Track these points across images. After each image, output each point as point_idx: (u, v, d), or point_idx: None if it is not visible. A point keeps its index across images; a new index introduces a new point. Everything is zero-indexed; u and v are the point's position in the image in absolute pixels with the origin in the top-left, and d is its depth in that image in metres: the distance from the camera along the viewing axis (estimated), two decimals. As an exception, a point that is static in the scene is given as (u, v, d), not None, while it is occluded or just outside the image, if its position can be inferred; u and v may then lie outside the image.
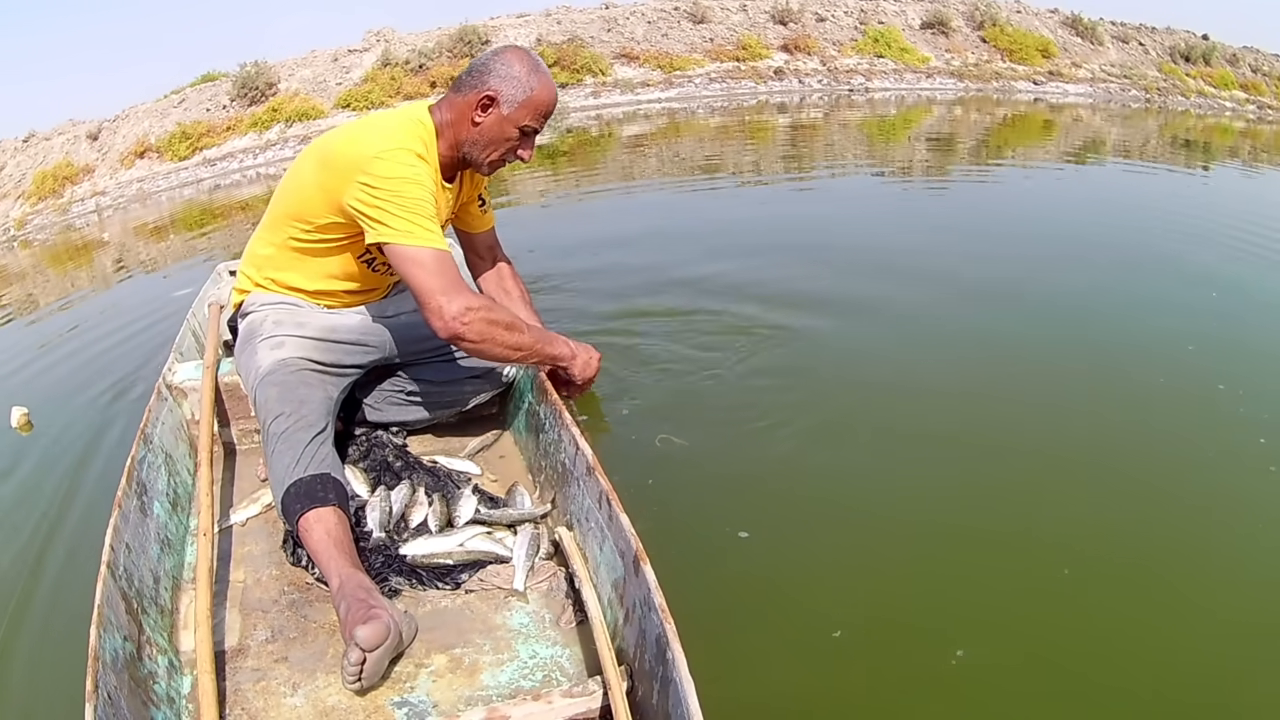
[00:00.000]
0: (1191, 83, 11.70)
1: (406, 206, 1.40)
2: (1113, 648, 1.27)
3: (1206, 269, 3.17)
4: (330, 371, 1.58)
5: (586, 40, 11.39)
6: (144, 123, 9.65)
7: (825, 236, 3.76)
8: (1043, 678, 1.24)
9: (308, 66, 10.73)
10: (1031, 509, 1.65)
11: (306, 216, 1.52)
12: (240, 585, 1.36)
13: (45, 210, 8.23)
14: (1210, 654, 1.27)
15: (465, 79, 1.51)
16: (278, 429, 1.42)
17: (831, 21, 12.49)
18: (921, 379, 2.21)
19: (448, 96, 1.53)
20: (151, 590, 1.26)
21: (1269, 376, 2.23)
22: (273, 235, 1.60)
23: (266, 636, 1.24)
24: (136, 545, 1.29)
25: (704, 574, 1.44)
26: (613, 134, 8.36)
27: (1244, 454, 1.83)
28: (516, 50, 1.52)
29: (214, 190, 7.81)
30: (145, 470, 1.49)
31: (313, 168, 1.51)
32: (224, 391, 1.77)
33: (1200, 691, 1.21)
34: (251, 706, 1.11)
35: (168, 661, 1.17)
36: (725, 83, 11.23)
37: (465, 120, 1.50)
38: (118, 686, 1.00)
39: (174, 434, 1.71)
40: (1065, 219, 4.13)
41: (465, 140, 1.52)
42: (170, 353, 1.99)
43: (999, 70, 11.66)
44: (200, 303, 2.35)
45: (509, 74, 1.47)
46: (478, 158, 1.54)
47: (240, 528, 1.51)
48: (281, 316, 1.59)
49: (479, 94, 1.47)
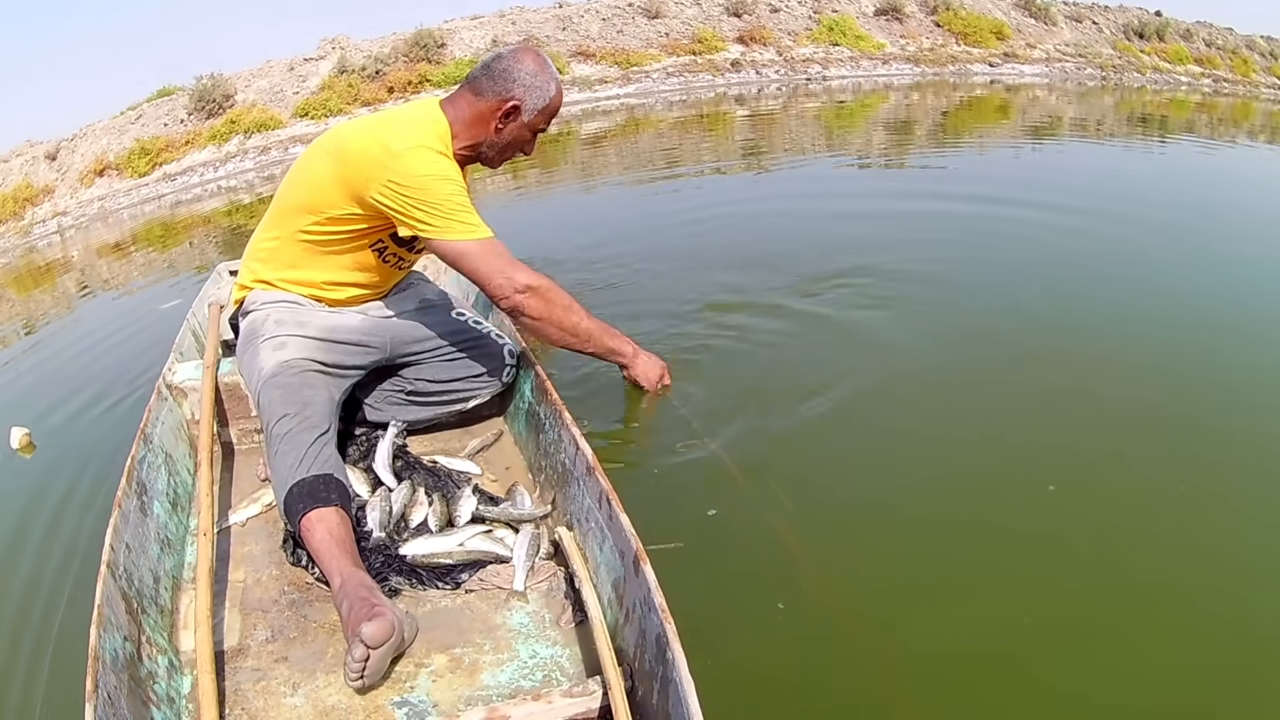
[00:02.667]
0: (1147, 59, 11.79)
1: (442, 204, 1.44)
2: (1131, 649, 1.27)
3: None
4: (332, 372, 1.59)
5: (542, 40, 11.40)
6: (102, 140, 9.62)
7: (788, 228, 3.75)
8: (1043, 679, 1.23)
9: (264, 77, 10.71)
10: (1028, 503, 1.65)
11: (320, 208, 1.53)
12: (240, 585, 1.36)
13: (6, 234, 8.15)
14: (1227, 658, 1.26)
15: (485, 82, 1.52)
16: (281, 430, 1.43)
17: (785, 12, 12.57)
18: (921, 373, 2.20)
19: (464, 96, 1.55)
20: (151, 590, 1.26)
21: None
22: (279, 229, 1.61)
23: (266, 636, 1.24)
24: (136, 545, 1.30)
25: (704, 574, 1.44)
26: (572, 132, 8.35)
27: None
28: (534, 55, 1.55)
29: (175, 206, 7.78)
30: (145, 470, 1.50)
31: (328, 161, 1.53)
32: (224, 391, 1.77)
33: (1214, 692, 1.21)
34: (251, 706, 1.11)
35: (168, 661, 1.17)
36: (683, 77, 11.27)
37: (487, 125, 1.54)
38: (118, 686, 1.00)
39: (174, 434, 1.71)
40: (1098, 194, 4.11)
41: (485, 142, 1.56)
42: (170, 353, 1.99)
43: (954, 54, 11.75)
44: (200, 302, 2.36)
45: (532, 82, 1.51)
46: (493, 157, 1.60)
47: (240, 528, 1.51)
48: (283, 316, 1.60)
49: (503, 101, 1.51)
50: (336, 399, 1.58)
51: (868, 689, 1.23)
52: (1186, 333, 2.44)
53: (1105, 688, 1.20)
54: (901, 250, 3.16)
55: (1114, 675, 1.23)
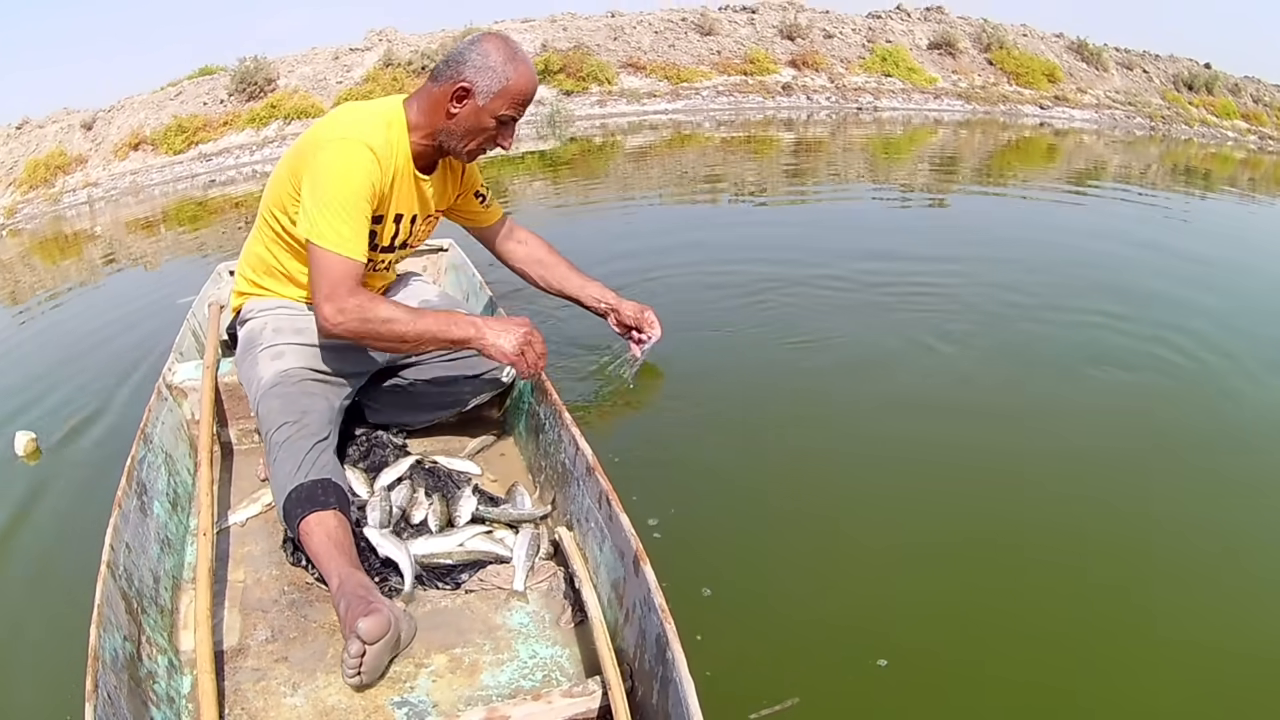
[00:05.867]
0: (1195, 111, 11.67)
1: (325, 201, 1.39)
2: (1119, 666, 1.28)
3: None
4: (332, 380, 1.58)
5: (592, 48, 11.28)
6: (139, 114, 9.54)
7: (804, 252, 3.70)
8: (1043, 682, 1.24)
9: (308, 64, 10.61)
10: (1021, 518, 1.65)
11: (283, 204, 1.52)
12: (240, 585, 1.36)
13: (35, 199, 8.14)
14: (1211, 681, 1.27)
15: (441, 68, 1.49)
16: (280, 438, 1.43)
17: (839, 39, 12.43)
18: (924, 393, 2.20)
19: (424, 87, 1.52)
20: (151, 590, 1.26)
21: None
22: (262, 230, 1.60)
23: (266, 636, 1.24)
24: (136, 545, 1.30)
25: (704, 574, 1.44)
26: (616, 143, 8.31)
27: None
28: (494, 38, 1.49)
29: (209, 186, 7.74)
30: (145, 470, 1.50)
31: (287, 157, 1.52)
32: (224, 391, 1.77)
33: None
34: (251, 706, 1.11)
35: (168, 661, 1.17)
36: (733, 96, 11.13)
37: (440, 111, 1.48)
38: (118, 686, 1.00)
39: (174, 434, 1.71)
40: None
41: (441, 131, 1.50)
42: (170, 353, 1.99)
43: (1005, 93, 11.61)
44: (200, 302, 2.35)
45: (484, 64, 1.45)
46: (456, 147, 1.53)
47: (240, 528, 1.51)
48: (280, 324, 1.59)
49: (453, 85, 1.45)
50: (337, 406, 1.57)
51: (868, 688, 1.23)
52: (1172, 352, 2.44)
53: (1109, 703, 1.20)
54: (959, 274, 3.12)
55: (1110, 684, 1.23)
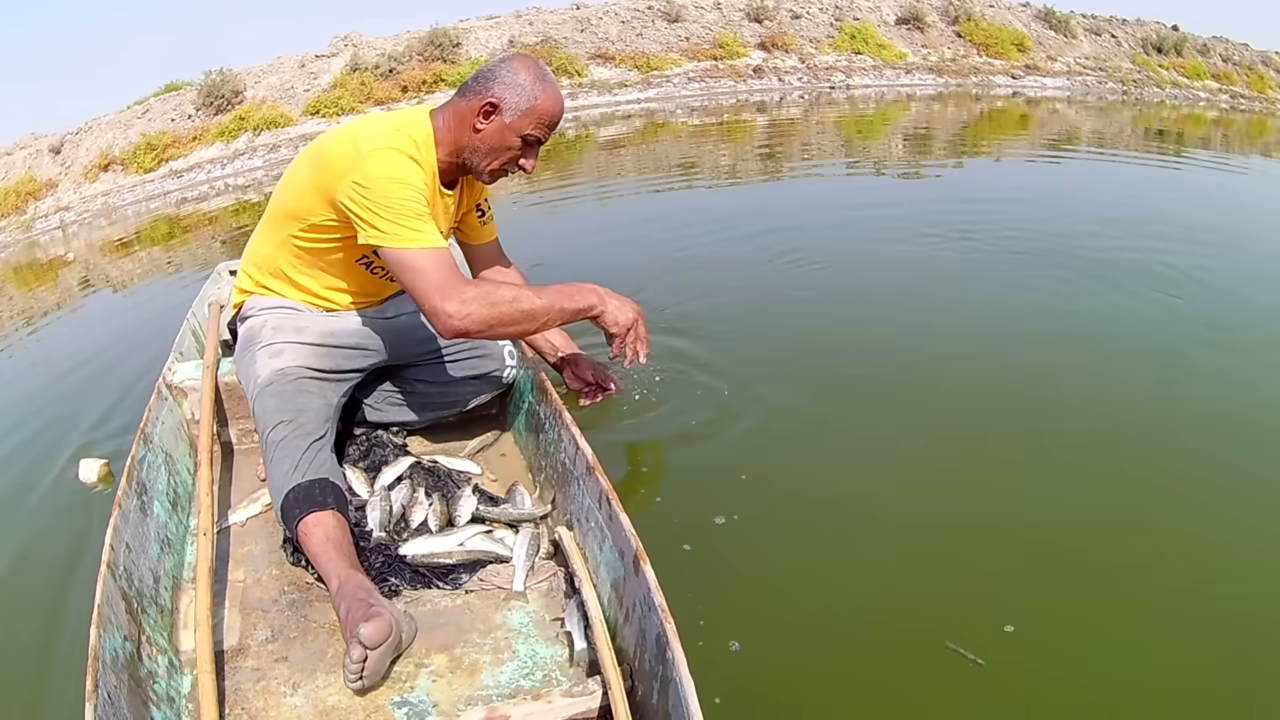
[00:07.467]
0: (1165, 74, 11.75)
1: (393, 207, 1.38)
2: (1125, 648, 1.28)
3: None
4: (329, 378, 1.58)
5: (560, 41, 11.22)
6: (107, 134, 9.48)
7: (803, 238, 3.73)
8: (1043, 675, 1.24)
9: (274, 73, 10.54)
10: (1031, 501, 1.65)
11: (301, 214, 1.51)
12: (240, 585, 1.36)
13: (8, 228, 8.06)
14: (1213, 652, 1.27)
15: (471, 84, 1.50)
16: (276, 437, 1.43)
17: (807, 18, 12.43)
18: (925, 378, 2.21)
19: (452, 101, 1.52)
20: (151, 590, 1.26)
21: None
22: (271, 234, 1.60)
23: (266, 636, 1.24)
24: (136, 545, 1.30)
25: (704, 574, 1.44)
26: (590, 135, 8.28)
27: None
28: (524, 58, 1.50)
29: (181, 203, 7.68)
30: (145, 470, 1.50)
31: (307, 165, 1.51)
32: (224, 391, 1.77)
33: (1206, 690, 1.21)
34: (251, 706, 1.11)
35: (168, 661, 1.17)
36: (704, 82, 11.13)
37: (467, 126, 1.48)
38: (118, 686, 1.00)
39: (174, 434, 1.71)
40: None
41: (466, 147, 1.50)
42: (170, 353, 1.99)
43: (976, 65, 11.68)
44: (200, 302, 2.36)
45: (513, 81, 1.45)
46: (478, 165, 1.52)
47: (240, 527, 1.51)
48: (280, 322, 1.59)
49: (482, 100, 1.46)
50: (334, 403, 1.57)
51: (868, 688, 1.23)
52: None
53: (1114, 683, 1.20)
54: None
55: (1120, 675, 1.23)
